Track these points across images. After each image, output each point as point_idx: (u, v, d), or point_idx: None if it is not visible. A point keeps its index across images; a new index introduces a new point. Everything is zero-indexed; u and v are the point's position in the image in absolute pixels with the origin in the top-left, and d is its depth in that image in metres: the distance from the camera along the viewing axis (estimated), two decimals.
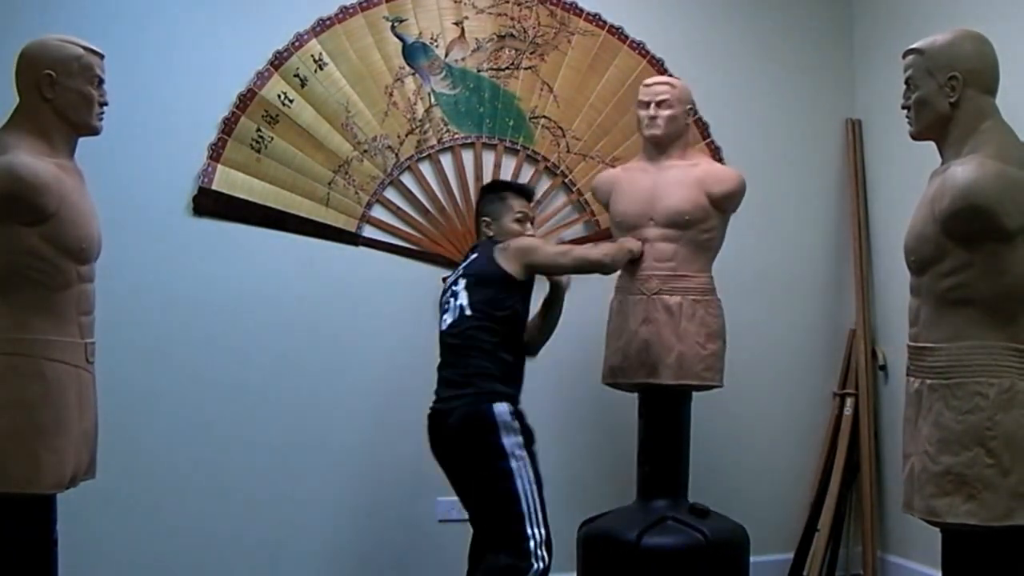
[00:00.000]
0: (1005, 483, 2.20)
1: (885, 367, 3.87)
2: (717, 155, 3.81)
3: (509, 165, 3.65)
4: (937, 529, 2.34)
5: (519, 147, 3.66)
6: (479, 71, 3.63)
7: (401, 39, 3.56)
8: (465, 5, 3.62)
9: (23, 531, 2.40)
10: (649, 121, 3.28)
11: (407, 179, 3.57)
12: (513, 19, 3.67)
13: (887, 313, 3.86)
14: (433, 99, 3.59)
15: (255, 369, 3.38)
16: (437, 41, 3.59)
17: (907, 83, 2.40)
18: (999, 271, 2.22)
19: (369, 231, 3.53)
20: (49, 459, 2.35)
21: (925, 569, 3.54)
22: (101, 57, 2.52)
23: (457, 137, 3.61)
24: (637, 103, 3.34)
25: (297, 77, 3.44)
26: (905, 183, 3.44)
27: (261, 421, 3.38)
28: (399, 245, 3.55)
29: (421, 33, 3.57)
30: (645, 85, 3.35)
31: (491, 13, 3.65)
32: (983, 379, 2.22)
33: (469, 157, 3.62)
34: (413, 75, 3.57)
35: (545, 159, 3.69)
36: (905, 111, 2.43)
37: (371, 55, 3.53)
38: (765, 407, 3.90)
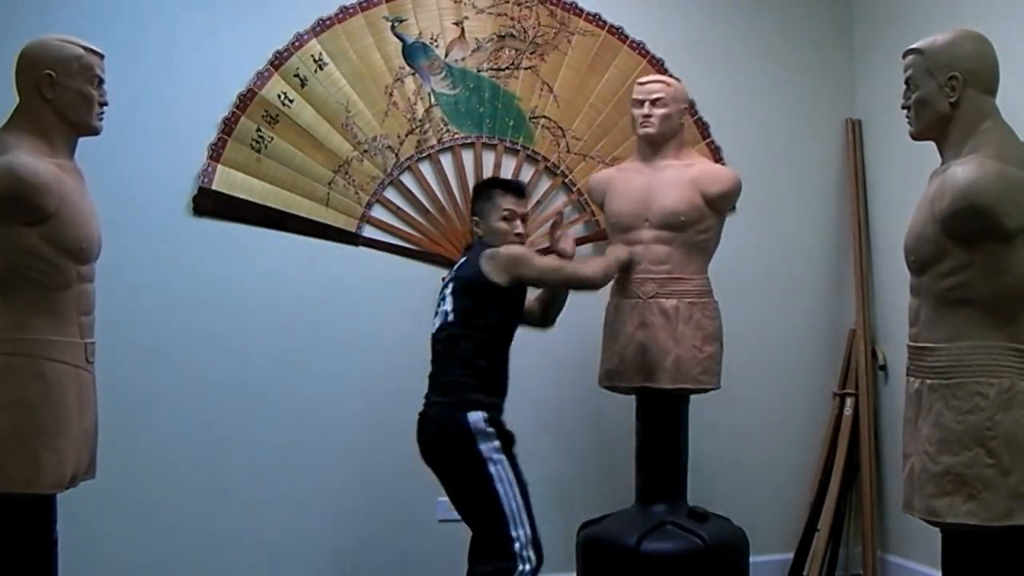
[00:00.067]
0: (1005, 483, 2.20)
1: (885, 367, 3.87)
2: (717, 155, 3.81)
3: (509, 165, 3.64)
4: (937, 529, 2.35)
5: (519, 147, 3.66)
6: (479, 71, 3.63)
7: (401, 39, 3.56)
8: (465, 5, 3.62)
9: (23, 531, 2.40)
10: (643, 120, 3.26)
11: (407, 179, 3.57)
12: (513, 19, 3.67)
13: (887, 313, 3.86)
14: (433, 99, 3.59)
15: (255, 369, 3.39)
16: (437, 41, 3.59)
17: (907, 83, 2.41)
18: (999, 271, 2.22)
19: (369, 231, 3.52)
20: (49, 459, 2.35)
21: (925, 569, 3.54)
22: (101, 57, 2.53)
23: (457, 137, 3.61)
24: (631, 101, 3.32)
25: (297, 77, 3.44)
26: (905, 183, 3.44)
27: (261, 421, 3.38)
28: (399, 245, 3.55)
29: (421, 33, 3.57)
30: (639, 83, 3.33)
31: (491, 13, 3.65)
32: (983, 379, 2.23)
33: (469, 157, 3.62)
34: (413, 75, 3.57)
35: (545, 159, 3.69)
36: (905, 111, 2.43)
37: (371, 55, 3.53)
38: (765, 407, 3.90)
